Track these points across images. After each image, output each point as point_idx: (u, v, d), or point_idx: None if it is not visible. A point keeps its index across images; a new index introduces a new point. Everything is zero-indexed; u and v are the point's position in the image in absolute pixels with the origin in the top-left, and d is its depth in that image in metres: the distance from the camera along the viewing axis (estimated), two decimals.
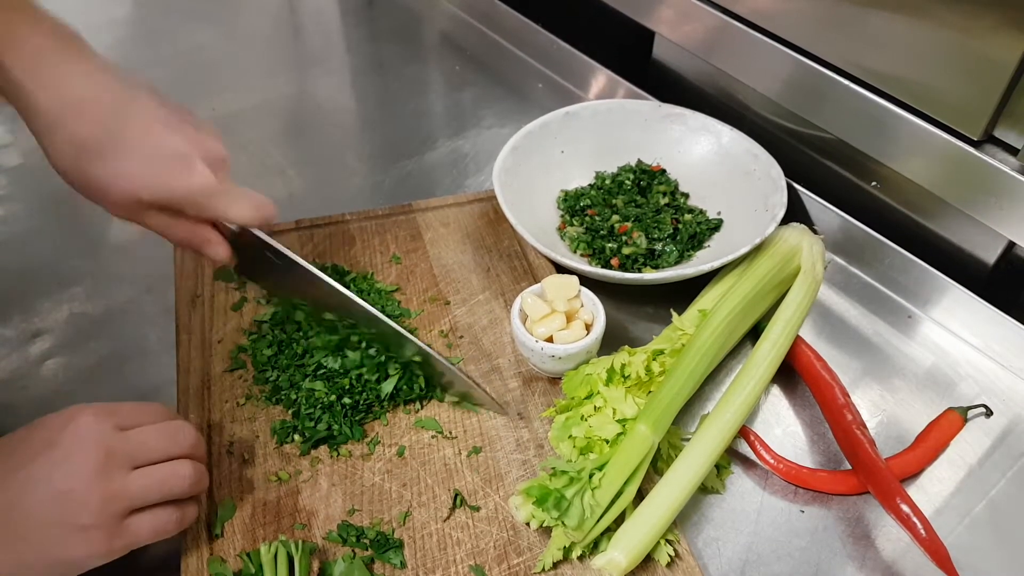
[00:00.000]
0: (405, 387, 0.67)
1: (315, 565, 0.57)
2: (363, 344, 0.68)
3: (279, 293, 0.73)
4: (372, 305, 0.66)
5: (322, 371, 0.67)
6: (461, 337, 0.74)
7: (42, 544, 0.49)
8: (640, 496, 0.60)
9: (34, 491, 0.49)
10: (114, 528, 0.50)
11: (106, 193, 0.57)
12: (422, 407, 0.68)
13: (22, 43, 0.54)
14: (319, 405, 0.66)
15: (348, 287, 0.76)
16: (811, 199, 0.84)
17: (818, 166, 0.89)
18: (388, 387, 0.66)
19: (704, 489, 0.64)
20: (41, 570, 0.50)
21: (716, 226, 0.84)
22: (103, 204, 0.58)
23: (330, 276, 0.77)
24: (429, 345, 0.73)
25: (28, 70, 0.54)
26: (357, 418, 0.66)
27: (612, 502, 0.58)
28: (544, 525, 0.58)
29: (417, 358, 0.67)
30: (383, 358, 0.68)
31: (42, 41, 0.55)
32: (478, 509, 0.61)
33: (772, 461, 0.64)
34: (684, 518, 0.62)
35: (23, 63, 0.54)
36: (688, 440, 0.64)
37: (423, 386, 0.68)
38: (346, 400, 0.66)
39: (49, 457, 0.50)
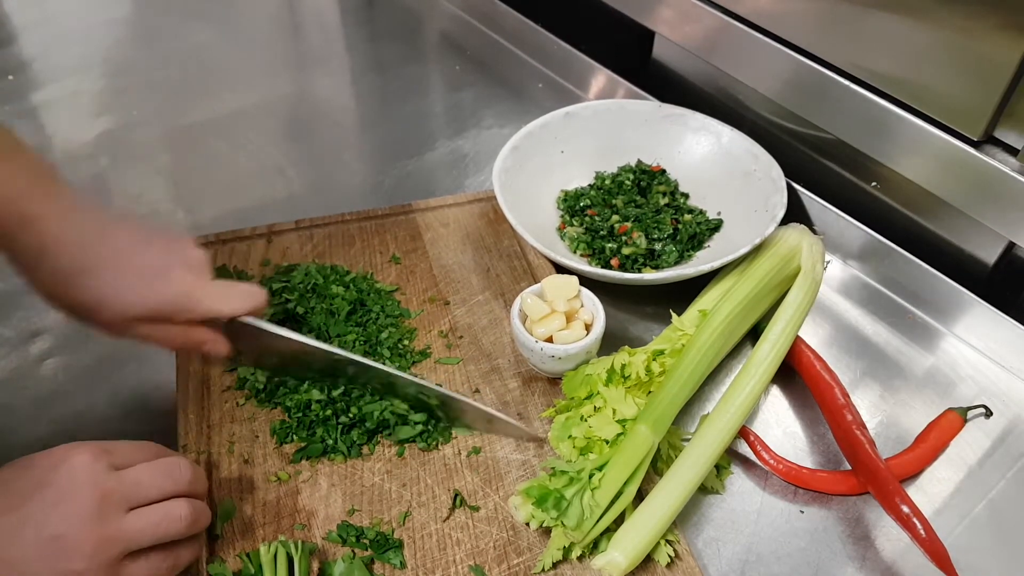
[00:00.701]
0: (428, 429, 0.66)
1: (315, 565, 0.57)
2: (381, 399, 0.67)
3: (287, 373, 0.69)
4: (388, 361, 0.68)
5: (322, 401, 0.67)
6: (461, 337, 0.74)
7: None
8: (640, 496, 0.60)
9: (26, 535, 0.48)
10: (108, 573, 0.49)
11: (95, 315, 0.58)
12: (440, 445, 0.66)
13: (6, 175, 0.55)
14: (314, 418, 0.65)
15: (347, 287, 0.77)
16: (811, 199, 0.84)
17: (818, 166, 0.89)
18: (406, 432, 0.65)
19: (704, 489, 0.64)
20: None
21: (716, 226, 0.84)
22: (93, 326, 0.59)
23: (330, 276, 0.78)
24: (428, 346, 0.73)
25: (6, 213, 0.55)
26: (360, 442, 0.65)
27: (612, 502, 0.58)
28: (544, 525, 0.58)
29: (435, 401, 0.65)
30: (405, 408, 0.66)
31: (19, 183, 0.56)
32: (478, 509, 0.61)
33: (772, 461, 0.64)
34: (684, 518, 0.62)
35: (12, 195, 0.55)
36: (688, 440, 0.64)
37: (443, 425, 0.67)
38: (344, 420, 0.66)
39: (42, 499, 0.49)
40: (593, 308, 0.69)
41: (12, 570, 0.47)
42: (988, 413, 0.69)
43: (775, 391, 0.72)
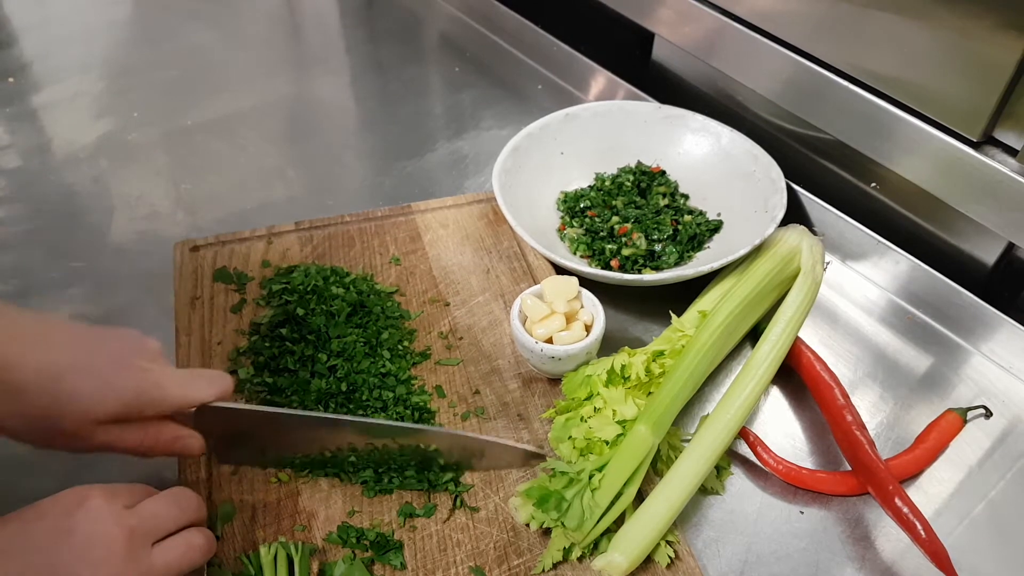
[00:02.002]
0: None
1: (315, 566, 0.57)
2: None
3: (273, 461, 0.64)
4: (388, 362, 0.68)
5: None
6: (461, 338, 0.74)
7: None
8: (640, 497, 0.60)
9: None
10: None
11: (58, 427, 0.52)
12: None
13: None
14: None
15: (347, 288, 0.77)
16: (811, 200, 0.85)
17: (818, 167, 0.89)
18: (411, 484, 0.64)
19: (704, 490, 0.64)
20: None
21: (716, 227, 0.84)
22: (56, 445, 0.54)
23: (330, 277, 0.78)
24: (428, 347, 0.73)
25: None
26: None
27: (612, 503, 0.58)
28: (544, 526, 0.58)
29: (436, 447, 0.62)
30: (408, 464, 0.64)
31: None
32: (478, 510, 0.61)
33: (772, 462, 0.64)
34: (684, 519, 0.62)
35: None
36: (688, 441, 0.64)
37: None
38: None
39: (69, 548, 0.48)
40: (593, 309, 0.69)
41: None
42: (988, 414, 0.69)
43: (775, 392, 0.72)
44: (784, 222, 0.78)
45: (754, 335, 0.74)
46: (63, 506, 0.50)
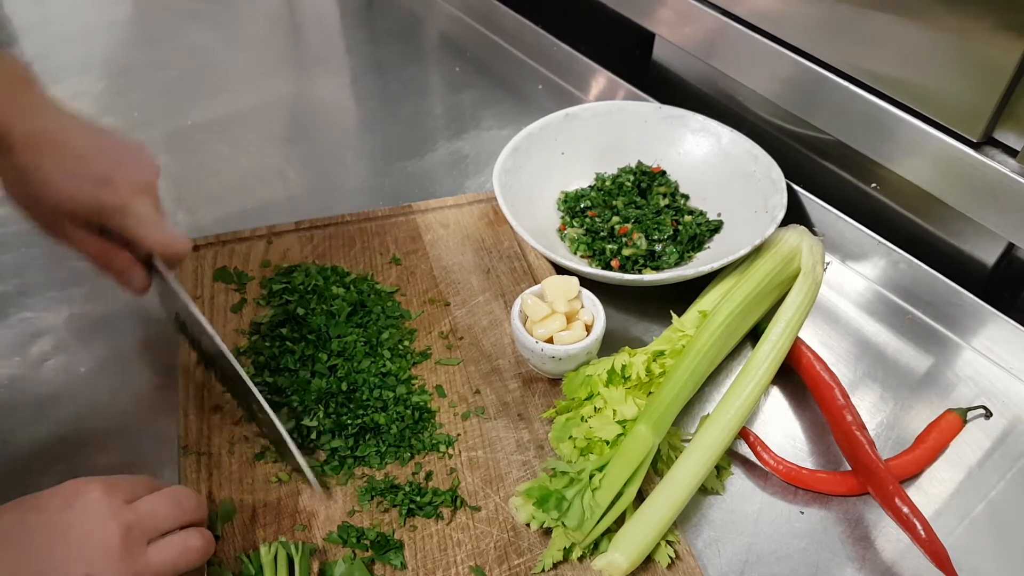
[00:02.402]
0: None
1: (315, 566, 0.57)
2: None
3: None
4: (389, 362, 0.69)
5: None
6: (461, 338, 0.74)
7: None
8: (641, 497, 0.60)
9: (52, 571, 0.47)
10: None
11: (38, 206, 0.62)
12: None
13: None
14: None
15: (348, 288, 0.77)
16: (811, 200, 0.85)
17: (818, 168, 0.89)
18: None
19: (704, 490, 0.64)
20: None
21: (716, 227, 0.84)
22: (37, 221, 0.63)
23: (330, 277, 0.78)
24: (429, 347, 0.73)
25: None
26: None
27: (612, 503, 0.58)
28: (544, 526, 0.58)
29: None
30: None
31: None
32: (478, 510, 0.61)
33: (772, 462, 0.64)
34: (684, 519, 0.62)
35: None
36: (688, 441, 0.64)
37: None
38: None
39: (64, 541, 0.48)
40: (593, 309, 0.69)
41: None
42: (988, 414, 0.69)
43: (775, 392, 0.72)
44: (784, 222, 0.78)
45: (754, 335, 0.74)
46: (62, 498, 0.50)
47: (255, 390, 0.61)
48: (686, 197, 0.88)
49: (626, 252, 0.80)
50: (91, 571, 0.48)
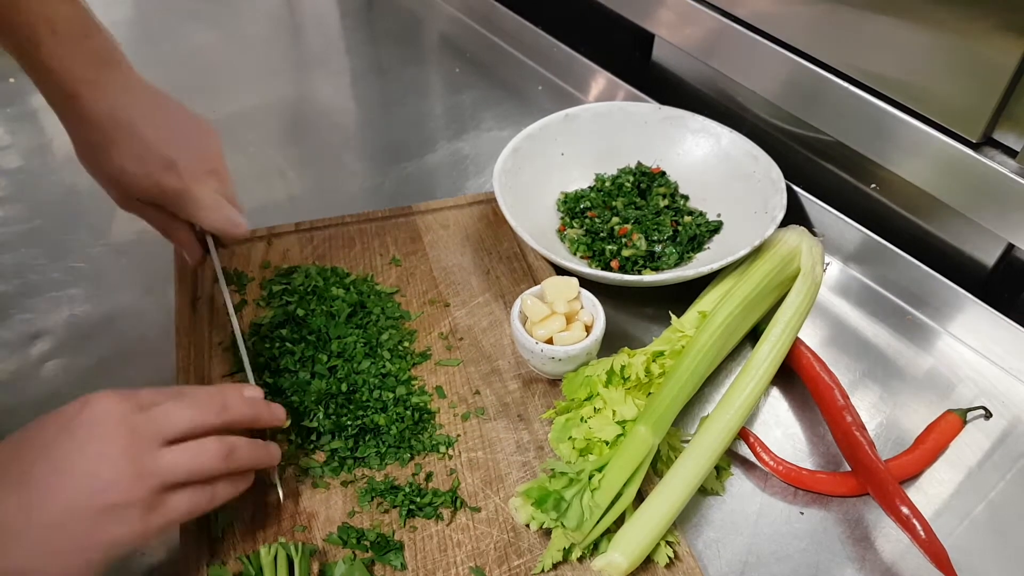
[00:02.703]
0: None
1: (315, 567, 0.57)
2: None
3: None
4: (388, 363, 0.70)
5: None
6: (461, 339, 0.74)
7: (76, 530, 0.48)
8: (640, 498, 0.60)
9: (59, 480, 0.48)
10: (150, 504, 0.50)
11: (109, 186, 0.68)
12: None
13: (61, 68, 0.63)
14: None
15: (347, 289, 0.77)
16: (810, 201, 0.85)
17: (817, 168, 0.89)
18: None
19: (704, 491, 0.64)
20: (79, 556, 0.49)
21: (716, 228, 0.84)
22: (111, 195, 0.69)
23: (330, 278, 0.78)
24: (429, 348, 0.73)
25: (63, 93, 0.64)
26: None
27: (612, 504, 0.58)
28: (544, 527, 0.58)
29: None
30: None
31: (78, 63, 0.64)
32: (479, 511, 0.61)
33: (772, 463, 0.64)
34: (684, 520, 0.62)
35: (60, 86, 0.64)
36: (688, 442, 0.64)
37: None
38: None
39: (67, 444, 0.49)
40: (593, 309, 0.69)
41: (59, 510, 0.48)
42: (987, 414, 0.69)
43: (775, 392, 0.72)
44: (784, 223, 0.78)
45: (754, 336, 0.74)
46: (78, 406, 0.51)
47: (251, 380, 0.66)
48: (686, 198, 0.88)
49: (626, 253, 0.80)
50: (93, 469, 0.49)
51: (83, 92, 0.64)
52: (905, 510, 0.59)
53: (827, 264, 0.82)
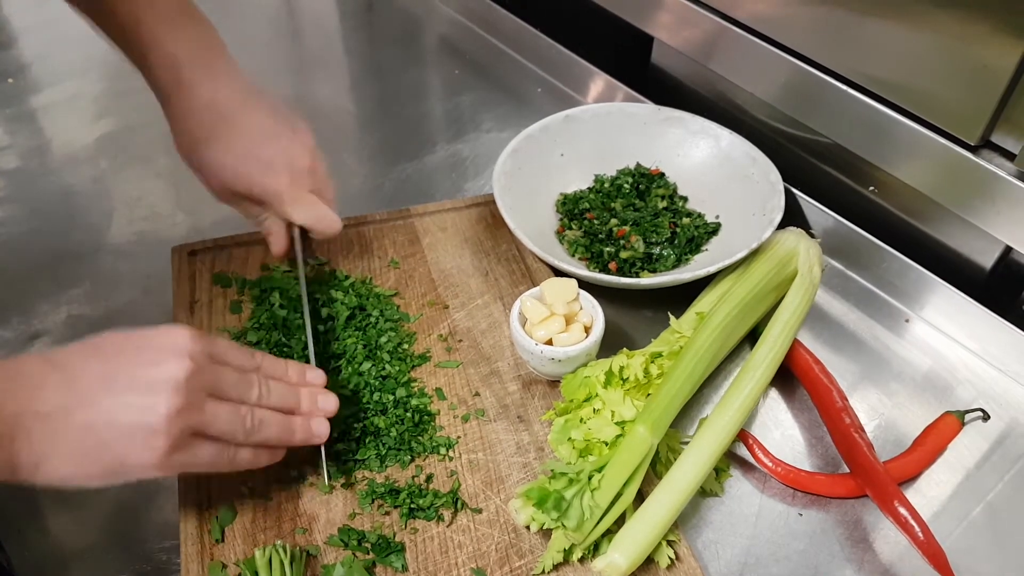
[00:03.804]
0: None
1: (316, 569, 0.57)
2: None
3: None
4: (388, 365, 0.71)
5: None
6: (460, 341, 0.74)
7: (106, 440, 0.49)
8: (641, 499, 0.60)
9: (112, 386, 0.50)
10: (178, 442, 0.51)
11: (208, 180, 0.70)
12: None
13: (163, 52, 0.66)
14: None
15: (346, 291, 0.77)
16: (808, 203, 0.85)
17: (816, 170, 0.89)
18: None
19: (703, 492, 0.64)
20: (97, 465, 0.50)
21: (714, 230, 0.84)
22: (207, 187, 0.71)
23: (329, 281, 0.78)
24: (428, 350, 0.73)
25: (165, 79, 0.66)
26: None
27: (612, 504, 0.58)
28: (545, 527, 0.58)
29: None
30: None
31: (181, 53, 0.66)
32: (479, 512, 0.61)
33: (770, 464, 0.65)
34: (683, 521, 0.62)
35: (162, 71, 0.66)
36: (687, 443, 0.65)
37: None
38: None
39: (136, 358, 0.51)
40: (592, 311, 0.70)
41: (100, 415, 0.49)
42: (985, 416, 0.70)
43: (774, 394, 0.73)
44: (782, 225, 0.78)
45: (753, 338, 0.74)
46: (155, 330, 0.54)
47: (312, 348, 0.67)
48: (684, 199, 0.88)
49: (624, 255, 0.81)
50: (147, 388, 0.50)
51: (187, 77, 0.66)
52: (903, 511, 0.59)
53: (825, 266, 0.82)
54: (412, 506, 0.61)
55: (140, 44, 0.66)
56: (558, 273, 0.78)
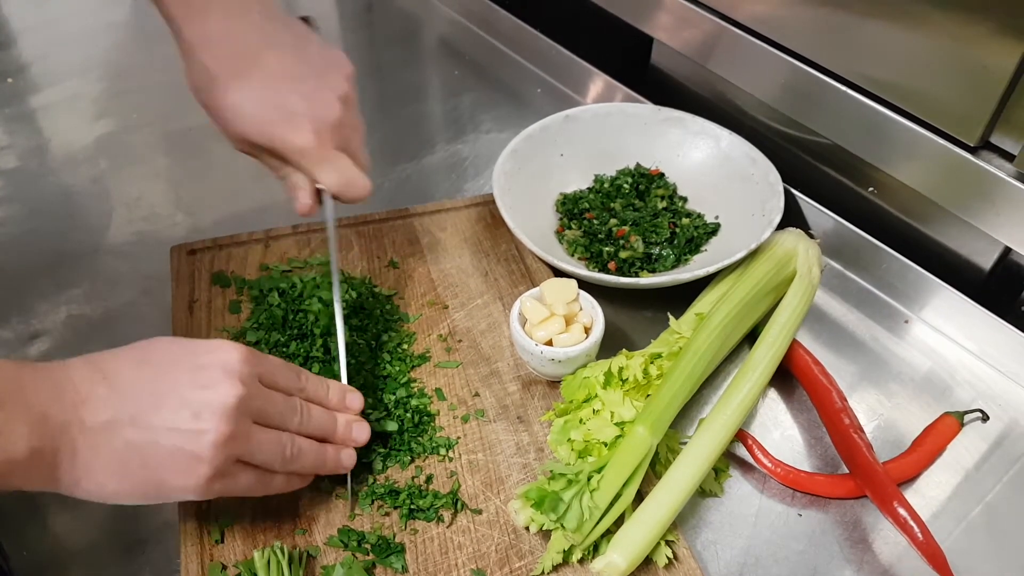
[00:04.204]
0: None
1: (315, 570, 0.57)
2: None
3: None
4: (388, 365, 0.70)
5: None
6: (460, 341, 0.74)
7: (150, 461, 0.49)
8: (640, 499, 0.60)
9: (161, 405, 0.49)
10: (221, 470, 0.51)
11: (223, 126, 0.62)
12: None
13: None
14: None
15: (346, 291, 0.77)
16: (808, 204, 0.85)
17: (815, 171, 0.89)
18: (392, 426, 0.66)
19: (703, 493, 0.64)
20: (138, 484, 0.50)
21: (713, 230, 0.84)
22: (223, 134, 0.63)
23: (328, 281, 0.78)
24: (428, 350, 0.73)
25: (177, 5, 0.59)
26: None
27: (611, 504, 0.58)
28: (544, 528, 0.58)
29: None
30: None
31: None
32: (479, 513, 0.61)
33: (770, 465, 0.65)
34: (683, 521, 0.62)
35: None
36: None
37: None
38: None
39: (193, 379, 0.50)
40: (592, 311, 0.70)
41: (146, 435, 0.49)
42: (985, 417, 0.70)
43: (773, 395, 0.73)
44: (782, 225, 0.78)
45: (752, 338, 0.74)
46: (207, 347, 0.53)
47: (343, 354, 0.64)
48: (684, 199, 0.88)
49: (623, 255, 0.81)
50: (198, 412, 0.49)
51: (201, 2, 0.58)
52: (902, 512, 0.59)
53: (824, 266, 0.82)
54: (412, 507, 0.61)
55: None
56: (558, 273, 0.78)
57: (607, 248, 0.81)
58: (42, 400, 0.47)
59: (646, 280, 0.75)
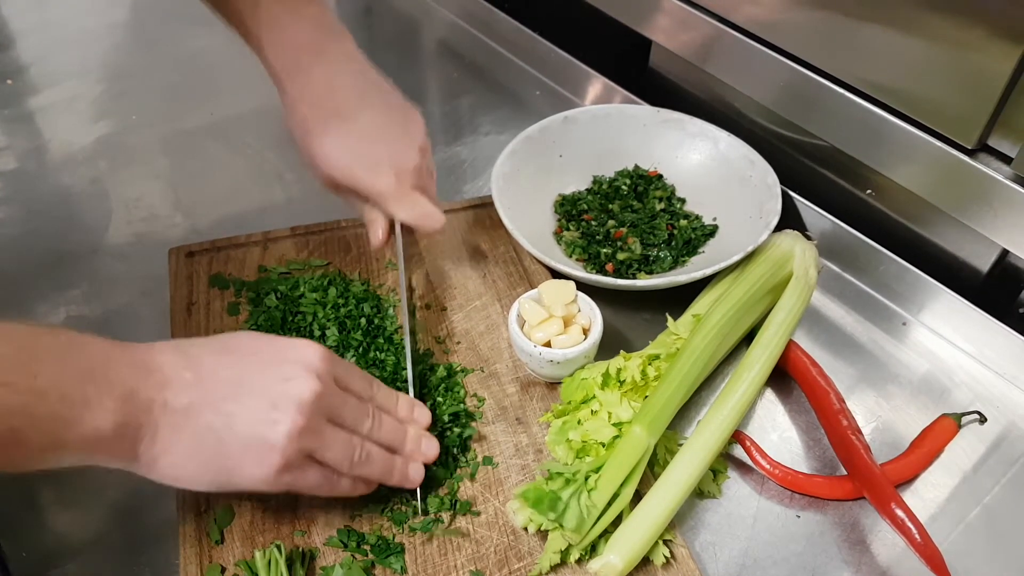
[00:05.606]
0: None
1: (315, 570, 0.57)
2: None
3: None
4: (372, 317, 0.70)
5: None
6: (458, 343, 0.74)
7: (224, 446, 0.50)
8: (638, 500, 0.60)
9: (241, 393, 0.50)
10: (292, 462, 0.51)
11: (314, 167, 0.70)
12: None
13: (280, 34, 0.66)
14: None
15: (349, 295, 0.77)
16: (805, 206, 0.85)
17: (813, 173, 0.89)
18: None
19: (701, 494, 0.64)
20: (210, 469, 0.51)
21: (711, 232, 0.84)
22: (313, 175, 0.71)
23: (335, 280, 0.78)
24: (429, 349, 0.73)
25: (281, 61, 0.67)
26: None
27: (609, 504, 0.58)
28: (542, 529, 0.58)
29: None
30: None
31: (298, 35, 0.66)
32: (478, 514, 0.61)
33: (768, 466, 0.65)
34: (681, 523, 0.62)
35: (279, 53, 0.67)
36: None
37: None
38: None
39: (273, 373, 0.52)
40: (590, 312, 0.70)
41: (223, 420, 0.50)
42: (982, 419, 0.70)
43: (771, 396, 0.73)
44: (779, 227, 0.78)
45: (750, 340, 0.74)
46: (287, 343, 0.55)
47: (411, 372, 0.67)
48: (682, 201, 0.88)
49: (621, 256, 0.81)
50: (275, 405, 0.51)
51: (305, 61, 0.65)
52: (900, 514, 0.59)
53: (821, 268, 0.82)
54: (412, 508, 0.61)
55: (257, 25, 0.66)
56: (556, 275, 0.78)
57: (605, 249, 0.82)
58: (129, 378, 0.49)
59: (643, 282, 0.75)
